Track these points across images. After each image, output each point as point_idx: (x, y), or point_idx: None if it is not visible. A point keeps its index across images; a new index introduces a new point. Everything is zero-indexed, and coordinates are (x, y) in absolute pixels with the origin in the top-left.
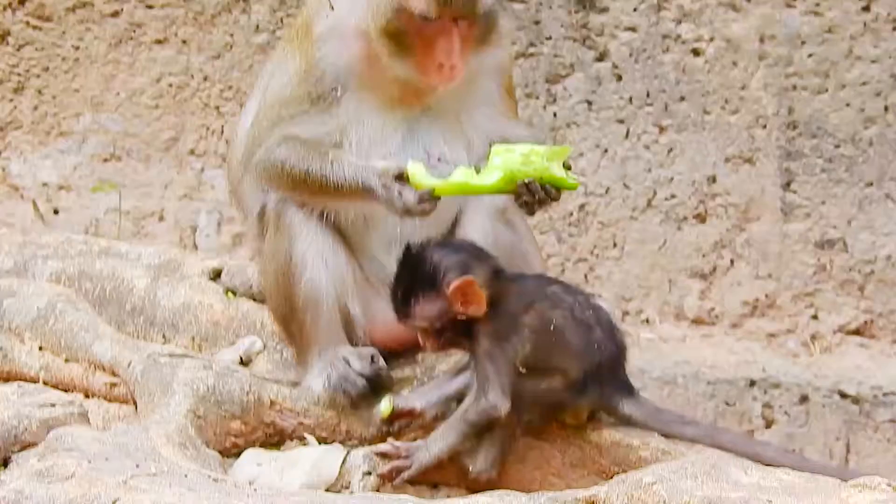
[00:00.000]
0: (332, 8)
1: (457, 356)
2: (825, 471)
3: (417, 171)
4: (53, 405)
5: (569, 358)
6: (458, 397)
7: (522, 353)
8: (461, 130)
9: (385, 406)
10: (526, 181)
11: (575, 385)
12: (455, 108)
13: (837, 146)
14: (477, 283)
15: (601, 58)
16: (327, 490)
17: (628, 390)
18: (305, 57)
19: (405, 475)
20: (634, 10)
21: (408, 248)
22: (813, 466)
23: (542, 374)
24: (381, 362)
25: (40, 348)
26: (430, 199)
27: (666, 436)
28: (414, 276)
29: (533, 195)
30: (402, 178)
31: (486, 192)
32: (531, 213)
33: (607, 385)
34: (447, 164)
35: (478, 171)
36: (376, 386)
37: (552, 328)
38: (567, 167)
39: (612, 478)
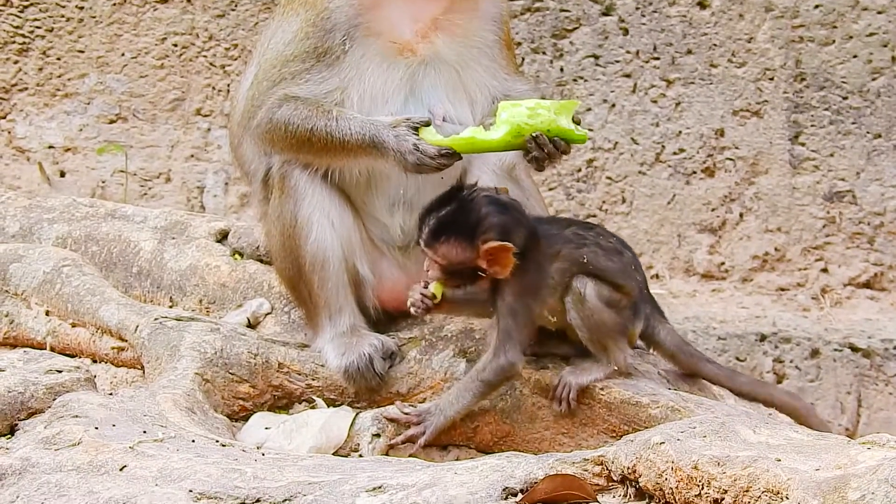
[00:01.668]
0: None
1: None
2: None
3: (426, 129)
4: (60, 371)
5: (619, 276)
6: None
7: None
8: (463, 88)
9: (436, 286)
10: (534, 134)
11: (635, 303)
12: (455, 60)
13: (845, 98)
14: (512, 250)
15: (607, 12)
16: (336, 453)
17: (661, 314)
18: (314, 10)
19: (421, 442)
20: None
21: (459, 188)
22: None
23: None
24: (397, 356)
25: (47, 313)
26: (451, 155)
27: (687, 370)
28: (454, 218)
29: (542, 149)
30: (417, 130)
31: (494, 149)
32: (540, 168)
33: (650, 305)
34: (451, 123)
35: (485, 129)
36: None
37: (585, 260)
38: (576, 122)
39: (621, 436)
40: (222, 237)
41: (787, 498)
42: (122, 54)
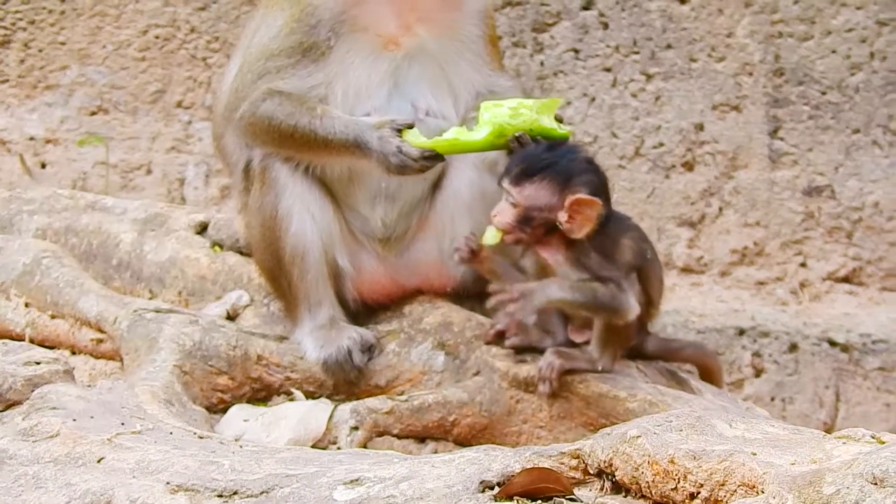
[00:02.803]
0: None
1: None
2: None
3: (409, 131)
4: (38, 363)
5: (657, 289)
6: None
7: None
8: (447, 82)
9: (492, 235)
10: (517, 134)
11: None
12: (440, 54)
13: (824, 93)
14: (599, 208)
15: (587, 6)
16: (314, 445)
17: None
18: (298, 5)
19: (516, 315)
20: None
21: (561, 142)
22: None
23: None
24: (376, 349)
25: (26, 305)
26: (434, 157)
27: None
28: (552, 162)
29: (524, 148)
30: (401, 132)
31: (477, 149)
32: None
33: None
34: (434, 117)
35: (468, 129)
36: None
37: (647, 257)
38: (559, 119)
39: (599, 430)
40: (202, 229)
41: (763, 492)
42: (104, 46)
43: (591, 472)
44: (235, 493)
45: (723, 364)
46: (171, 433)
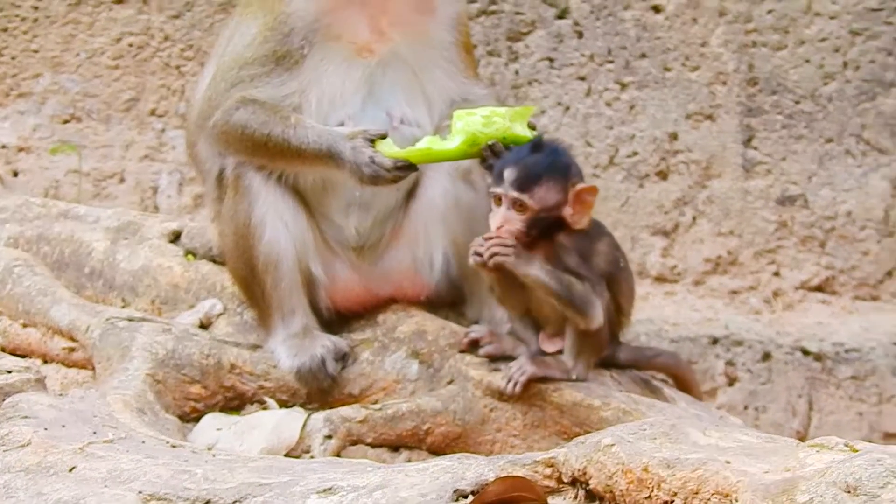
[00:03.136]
0: None
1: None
2: None
3: (382, 141)
4: (10, 372)
5: (627, 298)
6: None
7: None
8: (421, 90)
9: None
10: (490, 143)
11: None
12: (413, 61)
13: (797, 102)
14: (598, 192)
15: (562, 15)
16: (287, 454)
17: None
18: (272, 14)
19: (499, 262)
20: None
21: (541, 140)
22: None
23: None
24: (350, 357)
25: None
26: (407, 167)
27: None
28: (546, 162)
29: (498, 156)
30: (374, 142)
31: (451, 158)
32: None
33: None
34: (409, 125)
35: (441, 139)
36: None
37: (620, 266)
38: (532, 127)
39: (573, 439)
40: (175, 238)
41: (737, 500)
42: (77, 54)
43: (565, 480)
44: (208, 502)
45: (696, 373)
46: (143, 442)
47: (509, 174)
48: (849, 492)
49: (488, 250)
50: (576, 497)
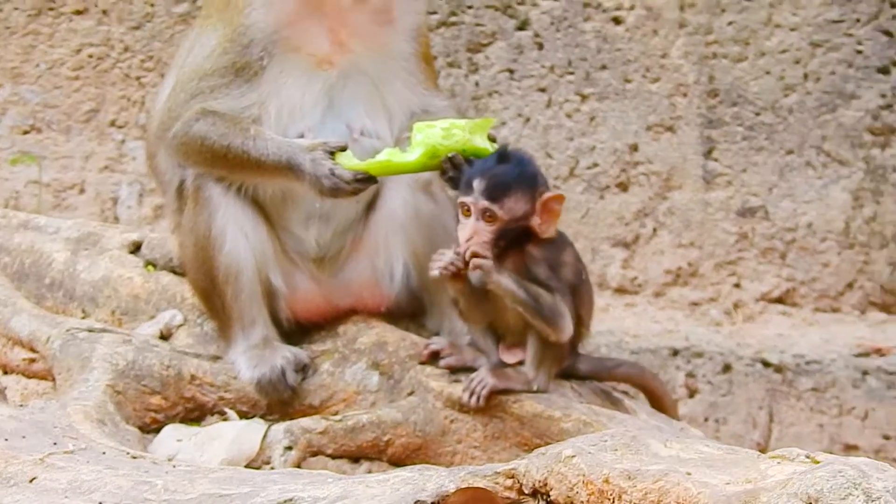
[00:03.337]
0: None
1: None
2: None
3: (342, 154)
4: None
5: (587, 310)
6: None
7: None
8: (381, 101)
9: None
10: (450, 155)
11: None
12: (373, 73)
13: (758, 114)
14: (565, 200)
15: (522, 26)
16: (248, 465)
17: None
18: (231, 25)
19: (479, 265)
20: None
21: (506, 150)
22: None
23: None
24: (310, 368)
25: None
26: (367, 179)
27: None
28: (514, 172)
29: (457, 168)
30: (334, 154)
31: (410, 171)
32: (456, 187)
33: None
34: (369, 137)
35: (401, 151)
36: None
37: (582, 278)
38: (492, 139)
39: (533, 450)
40: (136, 248)
41: None
42: (37, 65)
43: (526, 491)
44: None
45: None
46: (103, 453)
47: (479, 184)
48: (810, 503)
49: (465, 258)
50: None
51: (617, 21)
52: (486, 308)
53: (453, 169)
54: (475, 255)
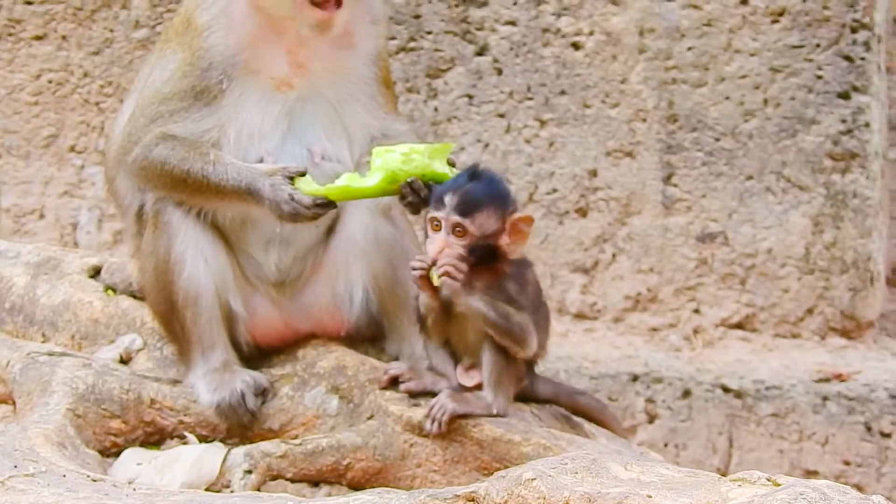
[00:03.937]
0: None
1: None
2: None
3: (302, 179)
4: None
5: (545, 331)
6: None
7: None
8: (341, 124)
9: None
10: (409, 180)
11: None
12: (333, 96)
13: (717, 139)
14: (533, 222)
15: (481, 52)
16: (207, 489)
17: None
18: (190, 49)
19: (451, 284)
20: (514, 3)
21: (478, 168)
22: None
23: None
24: (270, 392)
25: None
26: (327, 204)
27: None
28: (485, 189)
29: (417, 193)
30: (293, 179)
31: (370, 195)
32: (416, 212)
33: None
34: (329, 160)
35: (360, 176)
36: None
37: (542, 300)
38: (451, 164)
39: (492, 474)
40: (95, 273)
41: None
42: None
43: None
44: None
45: (616, 411)
46: (64, 476)
47: (450, 199)
48: None
49: (441, 267)
50: None
51: (576, 46)
52: (445, 326)
53: (413, 194)
54: (447, 273)
